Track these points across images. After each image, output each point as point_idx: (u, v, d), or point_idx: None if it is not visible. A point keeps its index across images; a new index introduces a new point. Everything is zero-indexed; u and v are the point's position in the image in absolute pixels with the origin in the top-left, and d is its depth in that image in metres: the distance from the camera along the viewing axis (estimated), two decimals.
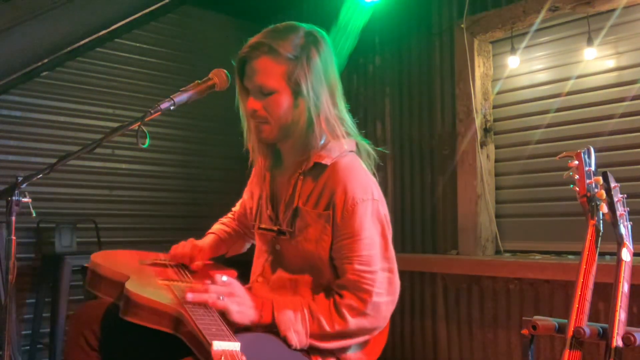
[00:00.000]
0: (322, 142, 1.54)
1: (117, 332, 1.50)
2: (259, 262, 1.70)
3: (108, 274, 1.49)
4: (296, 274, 1.58)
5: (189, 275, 1.64)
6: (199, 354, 1.17)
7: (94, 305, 1.60)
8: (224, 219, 1.99)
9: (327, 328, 1.44)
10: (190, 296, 1.31)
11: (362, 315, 1.46)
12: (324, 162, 1.53)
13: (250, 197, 1.82)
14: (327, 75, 1.54)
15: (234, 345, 1.09)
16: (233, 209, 2.01)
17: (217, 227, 1.95)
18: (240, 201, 1.97)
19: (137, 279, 1.43)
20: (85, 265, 1.66)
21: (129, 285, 1.33)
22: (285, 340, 1.42)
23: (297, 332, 1.42)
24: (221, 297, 1.35)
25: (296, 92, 1.50)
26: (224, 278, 1.41)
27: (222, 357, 1.05)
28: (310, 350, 1.47)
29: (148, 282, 1.46)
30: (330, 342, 1.47)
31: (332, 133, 1.54)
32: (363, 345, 1.58)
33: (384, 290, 1.49)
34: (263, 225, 1.67)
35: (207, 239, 1.88)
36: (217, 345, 1.07)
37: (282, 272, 1.61)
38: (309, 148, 1.54)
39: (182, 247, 1.77)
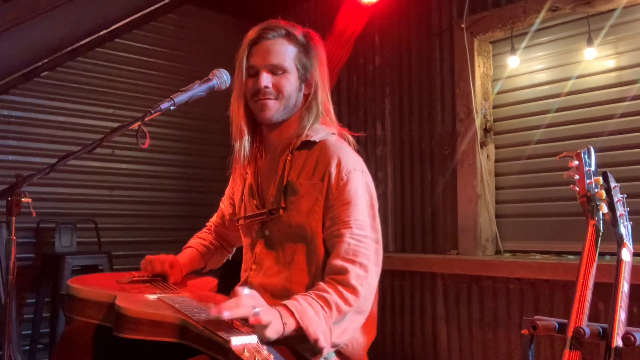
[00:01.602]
0: (312, 124, 1.63)
1: (111, 354, 1.48)
2: (248, 255, 1.70)
3: (92, 297, 1.46)
4: (288, 255, 1.59)
5: (172, 287, 1.62)
6: (214, 353, 1.16)
7: (78, 332, 1.54)
8: (200, 233, 1.99)
9: (344, 307, 1.42)
10: (227, 314, 1.18)
11: (367, 282, 1.47)
12: (312, 139, 1.60)
13: (230, 203, 1.87)
14: (324, 65, 1.68)
15: (252, 339, 1.09)
16: (208, 223, 2.01)
17: (194, 241, 1.95)
18: (215, 213, 1.98)
19: (124, 296, 1.41)
20: (62, 292, 1.62)
21: (121, 302, 1.31)
22: (315, 343, 1.36)
23: (323, 332, 1.37)
24: (256, 309, 1.22)
25: (302, 76, 1.63)
26: (246, 291, 1.27)
27: (245, 350, 1.04)
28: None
29: (136, 297, 1.45)
30: (343, 333, 1.44)
31: (324, 118, 1.66)
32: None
33: (374, 260, 1.52)
34: (250, 214, 1.68)
35: (185, 253, 1.88)
36: (236, 341, 1.07)
37: (275, 255, 1.61)
38: (300, 130, 1.62)
39: (160, 264, 1.72)
